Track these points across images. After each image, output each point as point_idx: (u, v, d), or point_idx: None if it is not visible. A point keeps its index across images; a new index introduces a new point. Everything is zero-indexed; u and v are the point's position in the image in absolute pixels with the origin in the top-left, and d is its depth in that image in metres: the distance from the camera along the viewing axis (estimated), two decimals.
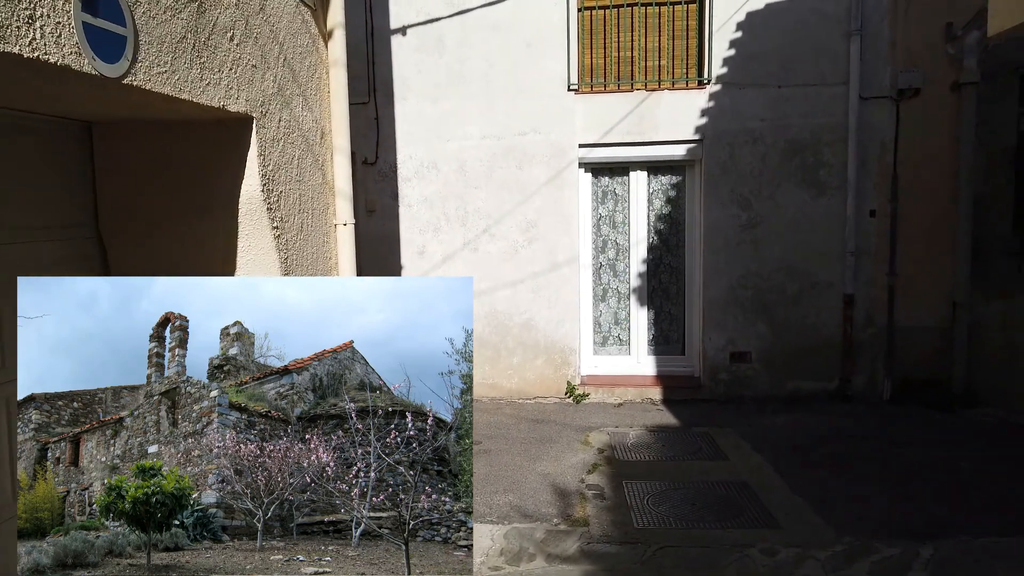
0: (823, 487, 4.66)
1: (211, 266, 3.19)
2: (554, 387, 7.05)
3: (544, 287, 6.96)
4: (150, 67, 2.34)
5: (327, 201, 4.04)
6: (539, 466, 5.23)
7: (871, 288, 6.62)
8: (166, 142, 3.08)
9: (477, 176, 6.91)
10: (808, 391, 6.77)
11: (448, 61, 6.84)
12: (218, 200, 3.15)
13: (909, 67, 6.32)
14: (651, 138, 6.73)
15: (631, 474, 5.02)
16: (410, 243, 7.04)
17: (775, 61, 6.51)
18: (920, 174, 6.43)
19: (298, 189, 3.63)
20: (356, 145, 6.93)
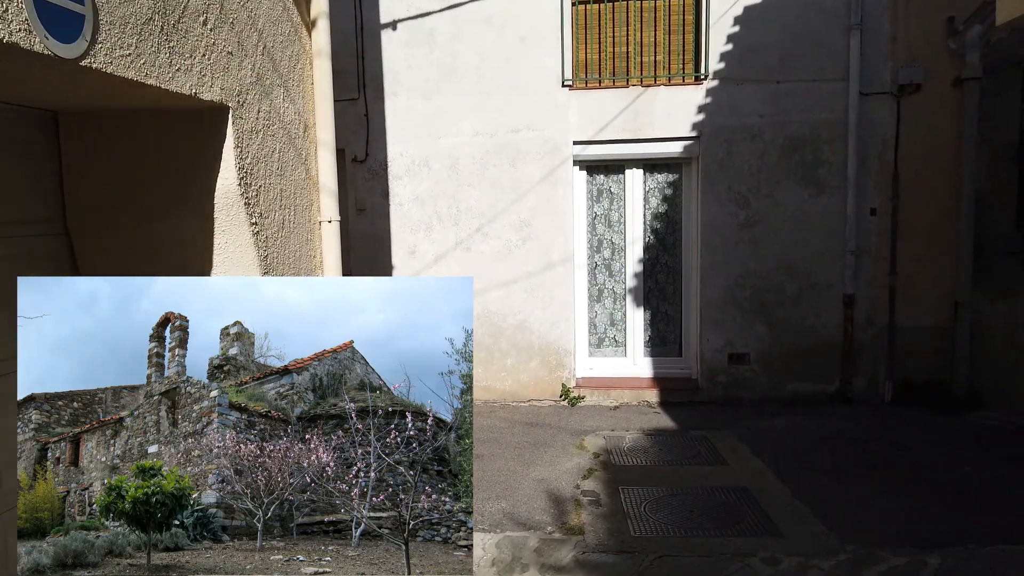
0: (825, 492, 4.52)
1: (186, 263, 3.02)
2: (549, 389, 6.89)
3: (538, 287, 6.81)
4: (112, 49, 2.18)
5: (311, 197, 3.88)
6: (533, 471, 5.08)
7: (872, 288, 6.49)
8: (137, 133, 2.92)
9: (470, 174, 6.76)
10: (808, 393, 6.63)
11: (439, 56, 6.69)
12: (193, 195, 2.98)
13: (910, 62, 6.21)
14: (647, 135, 6.59)
15: (627, 479, 4.87)
16: (401, 243, 6.88)
17: (773, 56, 6.38)
18: (921, 171, 6.32)
19: (279, 184, 3.47)
20: (345, 142, 6.80)
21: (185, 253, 3.02)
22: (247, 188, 3.09)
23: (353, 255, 6.93)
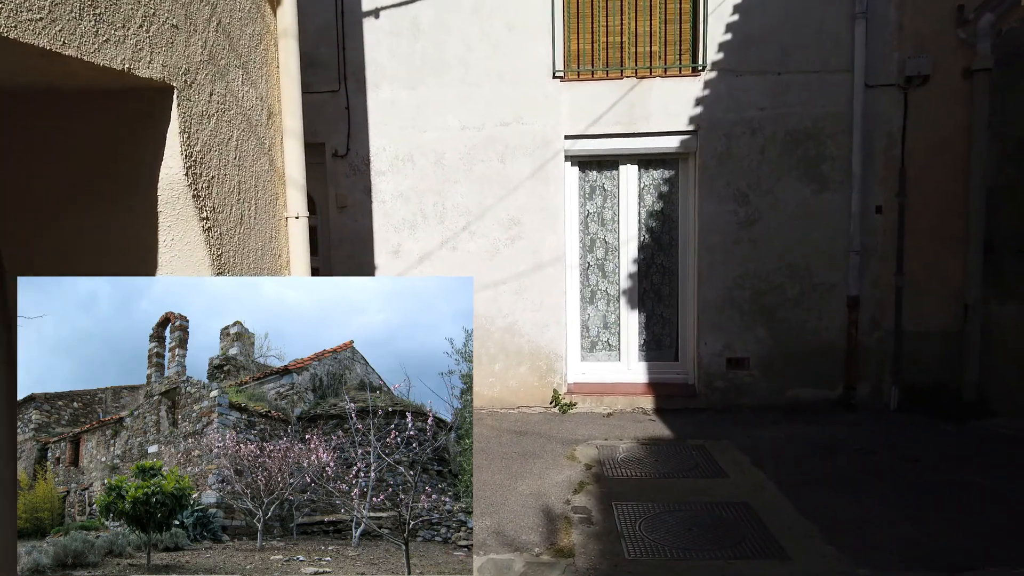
0: (832, 509, 4.22)
1: (125, 262, 2.69)
2: (539, 396, 6.58)
3: (528, 289, 6.49)
4: (16, 11, 1.86)
5: (276, 191, 3.56)
6: (521, 485, 4.76)
7: (877, 289, 6.20)
8: (66, 116, 2.59)
9: (456, 169, 6.44)
10: (810, 400, 6.34)
11: (424, 46, 6.36)
12: (133, 186, 2.66)
13: (918, 52, 5.93)
14: (642, 129, 6.29)
15: (621, 494, 4.56)
16: (384, 242, 6.55)
17: (775, 46, 6.08)
18: (929, 167, 6.04)
19: (237, 175, 3.14)
20: (326, 136, 6.47)
21: (125, 250, 2.69)
22: (196, 179, 2.76)
23: (334, 254, 6.60)
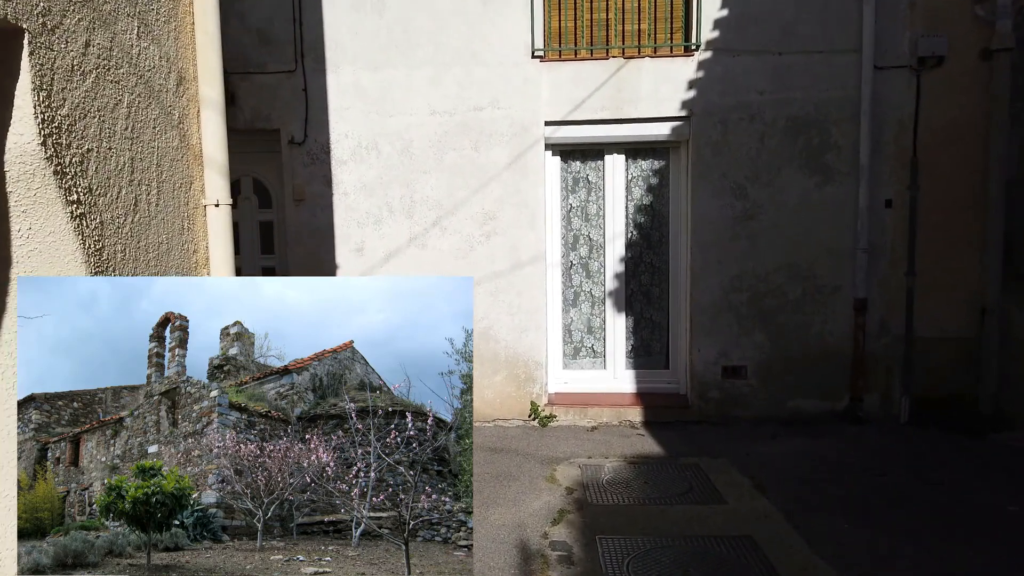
0: (847, 542, 3.68)
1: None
2: (516, 407, 6.00)
3: (505, 290, 5.91)
4: None
5: (189, 173, 2.94)
6: (493, 514, 4.18)
7: (886, 291, 5.70)
8: None
9: (425, 159, 5.84)
10: (812, 411, 5.81)
11: (389, 22, 5.76)
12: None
13: (932, 31, 5.45)
14: (630, 114, 5.73)
15: (606, 526, 3.98)
16: (346, 238, 5.94)
17: (775, 24, 5.55)
18: (944, 156, 5.57)
19: (128, 151, 2.53)
20: (281, 122, 5.86)
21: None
22: (59, 150, 2.15)
23: (290, 252, 5.98)
